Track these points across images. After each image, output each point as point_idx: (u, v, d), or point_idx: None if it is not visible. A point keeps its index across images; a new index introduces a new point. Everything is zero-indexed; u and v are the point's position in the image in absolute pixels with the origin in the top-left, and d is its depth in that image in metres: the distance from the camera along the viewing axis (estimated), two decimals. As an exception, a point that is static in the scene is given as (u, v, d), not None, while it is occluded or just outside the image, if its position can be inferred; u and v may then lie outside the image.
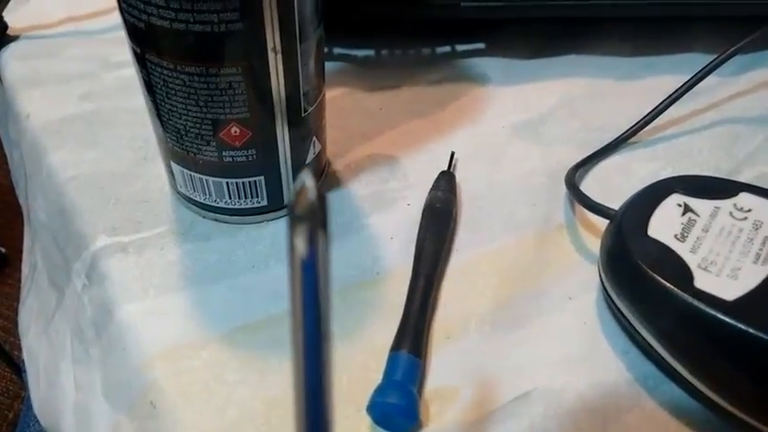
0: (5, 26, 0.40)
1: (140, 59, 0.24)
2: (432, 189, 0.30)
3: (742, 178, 0.31)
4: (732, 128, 0.35)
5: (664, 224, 0.24)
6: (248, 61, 0.23)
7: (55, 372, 0.35)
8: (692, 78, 0.34)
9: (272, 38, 0.23)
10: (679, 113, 0.35)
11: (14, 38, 0.40)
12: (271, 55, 0.23)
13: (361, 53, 0.40)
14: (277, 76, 0.24)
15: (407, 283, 0.26)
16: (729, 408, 0.21)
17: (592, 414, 0.23)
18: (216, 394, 0.23)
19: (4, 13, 0.39)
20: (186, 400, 0.23)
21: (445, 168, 0.31)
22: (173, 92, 0.24)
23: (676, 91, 0.34)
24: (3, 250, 1.18)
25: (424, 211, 0.29)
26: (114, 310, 0.26)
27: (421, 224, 0.28)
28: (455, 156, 0.32)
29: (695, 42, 0.41)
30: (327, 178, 0.31)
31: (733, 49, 0.33)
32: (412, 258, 0.27)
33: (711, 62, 0.34)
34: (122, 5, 0.23)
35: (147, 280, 0.26)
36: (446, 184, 0.30)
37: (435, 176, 0.30)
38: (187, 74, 0.23)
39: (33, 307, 0.42)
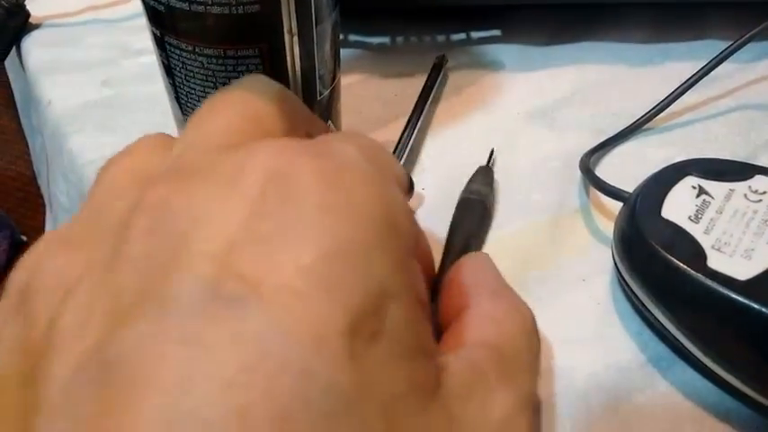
0: (28, 14, 0.41)
1: (160, 42, 0.24)
2: (469, 182, 0.29)
3: (759, 164, 0.31)
4: (748, 114, 0.35)
5: (678, 206, 0.24)
6: (265, 43, 0.23)
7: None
8: (707, 64, 0.33)
9: (289, 20, 0.23)
10: (694, 100, 0.35)
11: (36, 26, 0.41)
12: (287, 37, 0.23)
13: (376, 40, 0.40)
14: (293, 58, 0.24)
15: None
16: (743, 388, 0.21)
17: (604, 394, 0.23)
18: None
19: (27, 2, 0.40)
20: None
21: (484, 163, 0.30)
22: (191, 74, 0.24)
23: (692, 77, 0.33)
24: (24, 238, 1.20)
25: (459, 203, 0.28)
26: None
27: (454, 217, 0.27)
28: (493, 152, 0.31)
29: (711, 28, 0.40)
30: (343, 163, 0.31)
31: (749, 35, 0.33)
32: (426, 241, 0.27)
33: (727, 48, 0.33)
34: (142, -12, 0.23)
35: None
36: (483, 178, 0.29)
37: (448, 162, 0.30)
38: (205, 56, 0.23)
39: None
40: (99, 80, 0.37)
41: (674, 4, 0.41)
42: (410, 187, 0.28)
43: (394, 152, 0.30)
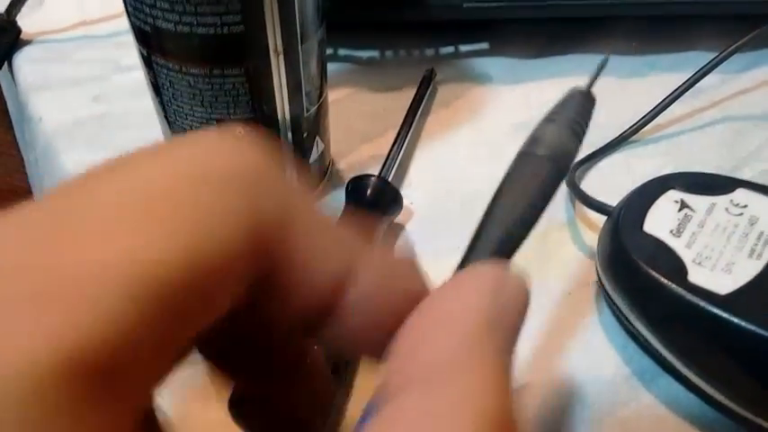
0: (19, 31, 0.41)
1: (147, 61, 0.25)
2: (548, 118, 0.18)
3: (744, 176, 0.32)
4: (734, 125, 0.35)
5: (660, 220, 0.24)
6: (251, 63, 0.24)
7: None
8: (693, 76, 0.34)
9: (274, 39, 0.23)
10: (681, 111, 0.36)
11: (28, 42, 0.41)
12: (273, 56, 0.24)
13: (365, 54, 0.40)
14: (279, 76, 0.24)
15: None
16: (725, 401, 0.21)
17: (589, 408, 0.23)
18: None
19: (18, 18, 0.40)
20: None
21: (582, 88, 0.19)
22: (179, 93, 0.25)
23: (678, 89, 0.34)
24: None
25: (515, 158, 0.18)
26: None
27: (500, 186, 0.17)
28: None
29: (696, 41, 0.41)
30: (331, 177, 0.32)
31: (734, 47, 0.34)
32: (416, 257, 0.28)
33: (712, 60, 0.34)
34: (129, 9, 0.23)
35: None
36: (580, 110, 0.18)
37: (437, 177, 0.30)
38: (192, 75, 0.24)
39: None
40: (90, 96, 0.37)
41: (659, 18, 0.41)
42: (399, 202, 0.29)
43: (383, 167, 0.30)
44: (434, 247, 0.28)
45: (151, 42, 0.24)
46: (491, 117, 0.36)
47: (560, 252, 0.28)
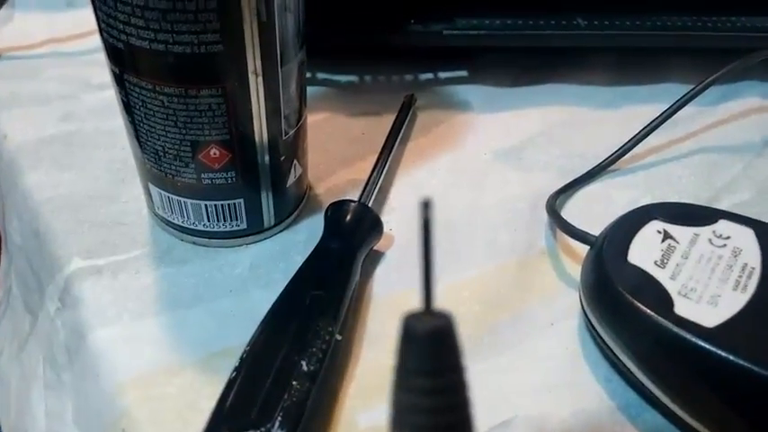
0: (-15, 47, 0.40)
1: (119, 80, 0.24)
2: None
3: (721, 206, 0.32)
4: (710, 156, 0.35)
5: (644, 251, 0.24)
6: (228, 83, 0.23)
7: (26, 399, 0.34)
8: (670, 108, 0.34)
9: (253, 61, 0.23)
10: (658, 142, 0.36)
11: (-6, 58, 0.40)
12: (251, 78, 0.23)
13: (344, 78, 0.40)
14: (258, 98, 0.24)
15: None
16: (711, 436, 0.21)
17: (573, 443, 0.22)
18: (189, 422, 0.22)
19: (-15, 34, 0.39)
20: (158, 429, 0.22)
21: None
22: (151, 113, 0.24)
23: (654, 120, 0.34)
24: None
25: None
26: (87, 334, 0.25)
27: None
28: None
29: (672, 73, 0.41)
30: (309, 202, 0.31)
31: (709, 79, 0.34)
32: (394, 283, 0.27)
33: (689, 92, 0.34)
34: (102, 25, 0.23)
35: (122, 304, 0.26)
36: None
37: (417, 202, 0.30)
38: (166, 95, 0.23)
39: (7, 331, 0.41)
40: (57, 115, 0.36)
41: (636, 50, 0.42)
42: (380, 229, 0.28)
43: (362, 192, 0.29)
44: (414, 274, 0.28)
45: (124, 60, 0.23)
46: (471, 144, 0.36)
47: (542, 281, 0.28)
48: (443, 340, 0.13)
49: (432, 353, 0.13)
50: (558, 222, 0.29)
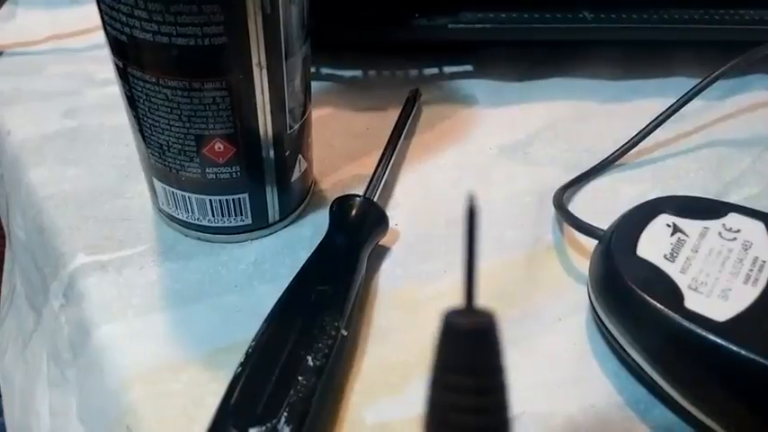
0: (-11, 43, 0.39)
1: (122, 73, 0.24)
2: None
3: (730, 200, 0.31)
4: (718, 150, 0.35)
5: (653, 244, 0.23)
6: (233, 76, 0.23)
7: (30, 396, 0.34)
8: (677, 102, 0.34)
9: (258, 53, 0.22)
10: (665, 136, 0.35)
11: (-2, 55, 0.40)
12: (256, 70, 0.23)
13: (348, 73, 0.40)
14: (262, 92, 0.24)
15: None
16: (721, 431, 0.21)
17: (582, 438, 0.22)
18: (194, 419, 0.22)
19: (-12, 30, 0.39)
20: (163, 425, 0.22)
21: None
22: (155, 106, 0.24)
23: (662, 114, 0.34)
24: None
25: None
26: (91, 330, 0.25)
27: None
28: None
29: (680, 67, 0.41)
30: (314, 197, 0.31)
31: (717, 73, 0.34)
32: (400, 278, 0.27)
33: (696, 86, 0.34)
34: (105, 18, 0.22)
35: (126, 300, 0.26)
36: None
37: (422, 197, 0.30)
38: (170, 88, 0.23)
39: (11, 329, 0.40)
40: (61, 111, 0.36)
41: (643, 43, 0.41)
42: (385, 224, 0.28)
43: (368, 187, 0.29)
44: (420, 270, 0.28)
45: (127, 53, 0.23)
46: (476, 139, 0.35)
47: (549, 276, 0.28)
48: (488, 338, 0.12)
49: (477, 351, 0.12)
50: (566, 217, 0.28)
